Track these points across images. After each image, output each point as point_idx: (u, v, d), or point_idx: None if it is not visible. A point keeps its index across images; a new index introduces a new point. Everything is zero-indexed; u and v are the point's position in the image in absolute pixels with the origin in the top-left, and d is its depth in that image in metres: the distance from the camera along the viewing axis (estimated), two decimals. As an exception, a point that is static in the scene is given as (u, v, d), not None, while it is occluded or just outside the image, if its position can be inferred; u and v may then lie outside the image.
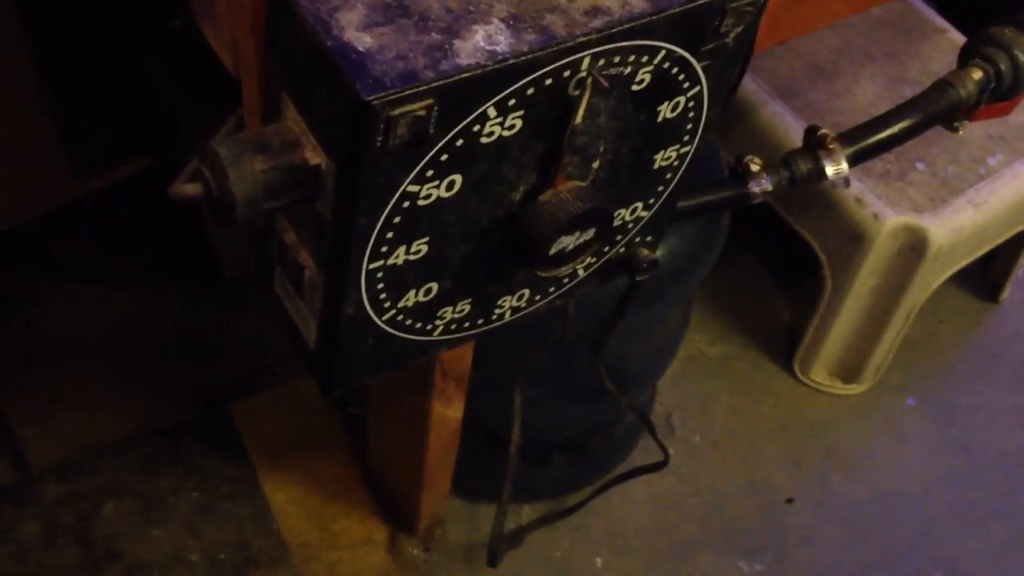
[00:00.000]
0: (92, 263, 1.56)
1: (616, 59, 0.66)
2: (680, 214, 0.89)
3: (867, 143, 0.97)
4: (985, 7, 1.03)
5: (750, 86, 1.49)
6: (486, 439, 1.29)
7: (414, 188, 0.65)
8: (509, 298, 0.83)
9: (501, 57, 0.61)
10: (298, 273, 0.76)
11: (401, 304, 0.75)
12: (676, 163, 0.80)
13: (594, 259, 0.84)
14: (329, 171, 0.65)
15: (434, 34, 0.62)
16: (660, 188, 0.82)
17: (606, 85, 0.66)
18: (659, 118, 0.74)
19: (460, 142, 0.64)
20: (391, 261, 0.70)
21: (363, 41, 0.60)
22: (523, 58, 0.62)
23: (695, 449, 1.54)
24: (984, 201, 1.44)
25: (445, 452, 1.22)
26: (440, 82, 0.60)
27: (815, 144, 0.95)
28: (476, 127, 0.64)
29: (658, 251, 0.89)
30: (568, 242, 0.74)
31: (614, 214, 0.80)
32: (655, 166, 0.79)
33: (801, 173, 0.95)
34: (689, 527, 1.47)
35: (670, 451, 1.25)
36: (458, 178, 0.67)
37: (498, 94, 0.63)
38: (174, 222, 1.47)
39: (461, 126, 0.63)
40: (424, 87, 0.59)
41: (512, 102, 0.64)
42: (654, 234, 0.87)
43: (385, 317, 0.76)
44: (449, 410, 1.14)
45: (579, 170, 0.73)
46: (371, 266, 0.70)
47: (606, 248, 0.84)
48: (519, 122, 0.66)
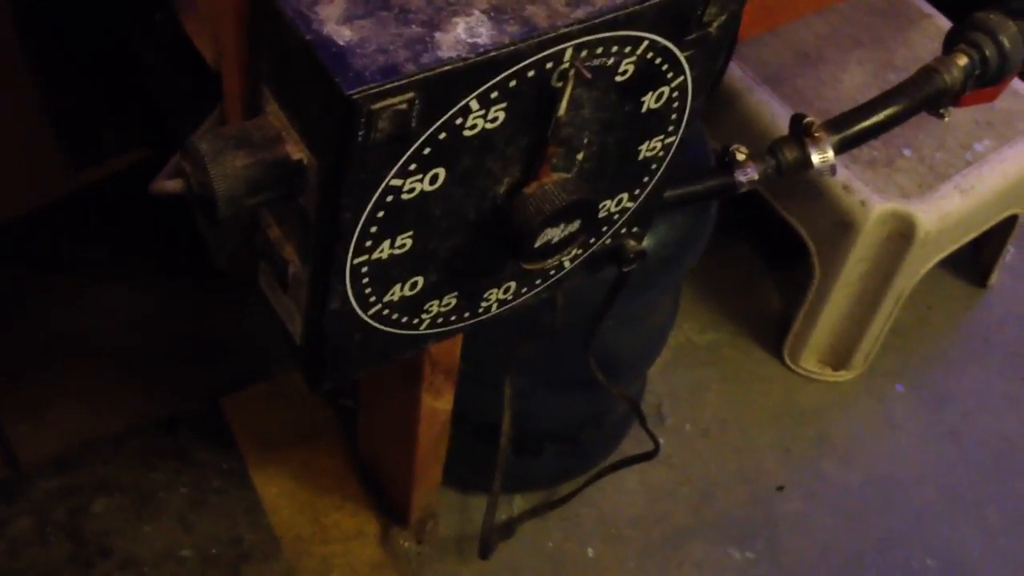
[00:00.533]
0: (85, 259, 1.56)
1: (599, 50, 0.66)
2: (667, 204, 0.89)
3: (853, 131, 0.97)
4: (970, -7, 1.03)
5: (736, 73, 1.48)
6: (477, 431, 1.29)
7: (397, 182, 0.65)
8: (495, 291, 0.83)
9: (483, 49, 0.61)
10: (283, 268, 0.75)
11: (387, 298, 0.75)
12: (661, 153, 0.80)
13: (580, 251, 0.84)
14: (311, 166, 0.65)
15: (415, 27, 0.61)
16: (646, 179, 0.82)
17: (589, 76, 0.66)
18: (643, 109, 0.73)
19: (443, 135, 0.64)
20: (376, 255, 0.70)
21: (343, 35, 0.60)
22: (505, 50, 0.62)
23: (686, 438, 1.54)
24: (971, 187, 1.44)
25: (436, 444, 1.22)
26: (422, 75, 0.59)
27: (801, 132, 0.95)
28: (459, 120, 0.63)
29: (646, 240, 0.89)
30: (554, 234, 0.73)
31: (600, 205, 0.80)
32: (640, 157, 0.78)
33: (787, 162, 0.95)
34: (681, 515, 1.47)
35: (661, 440, 1.26)
36: (441, 171, 0.67)
37: (480, 87, 0.62)
38: (166, 217, 1.47)
39: (443, 119, 0.63)
40: (406, 80, 0.59)
41: (495, 95, 0.64)
42: (641, 225, 0.87)
43: (371, 312, 0.75)
44: (439, 402, 1.13)
45: (564, 162, 0.73)
46: (356, 261, 0.70)
47: (592, 240, 0.84)
48: (502, 114, 0.65)
